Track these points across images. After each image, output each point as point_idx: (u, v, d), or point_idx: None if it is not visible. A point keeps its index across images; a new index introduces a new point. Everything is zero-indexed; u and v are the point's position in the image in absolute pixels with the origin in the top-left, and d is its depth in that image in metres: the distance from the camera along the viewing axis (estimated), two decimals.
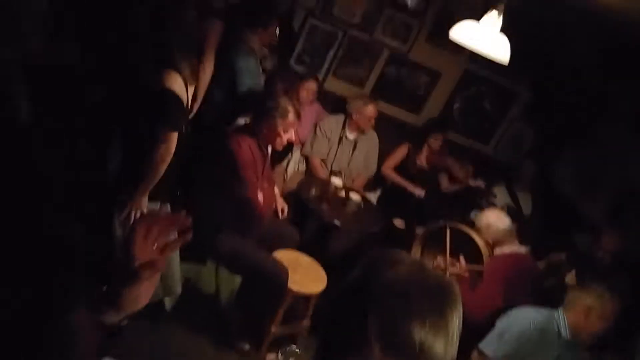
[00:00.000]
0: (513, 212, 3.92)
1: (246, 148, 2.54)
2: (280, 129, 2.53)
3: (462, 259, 2.80)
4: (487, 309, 2.54)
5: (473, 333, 2.50)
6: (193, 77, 2.11)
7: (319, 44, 3.98)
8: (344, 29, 3.93)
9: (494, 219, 2.77)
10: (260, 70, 3.04)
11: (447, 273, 2.83)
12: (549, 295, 3.07)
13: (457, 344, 0.74)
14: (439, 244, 2.98)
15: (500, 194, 3.97)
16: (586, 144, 4.23)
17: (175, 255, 2.41)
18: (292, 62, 4.01)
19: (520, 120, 4.34)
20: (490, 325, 2.37)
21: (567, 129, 4.24)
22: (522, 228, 3.72)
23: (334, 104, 4.01)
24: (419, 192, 3.82)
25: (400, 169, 3.98)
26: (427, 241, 3.10)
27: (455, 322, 0.73)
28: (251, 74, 2.84)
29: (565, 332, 2.15)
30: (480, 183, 3.80)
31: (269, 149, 2.76)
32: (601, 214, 3.77)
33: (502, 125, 4.36)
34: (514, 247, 2.71)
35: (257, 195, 2.63)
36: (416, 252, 3.11)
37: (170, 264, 2.38)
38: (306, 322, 2.78)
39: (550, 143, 4.42)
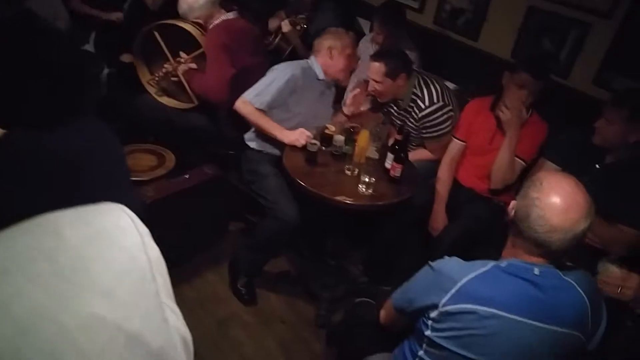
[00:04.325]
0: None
1: None
2: None
3: (182, 53, 2.69)
4: (223, 83, 2.55)
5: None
6: None
7: None
8: None
9: (188, 4, 2.63)
10: None
11: (179, 74, 2.72)
12: (278, 52, 3.24)
13: None
14: (159, 52, 2.78)
15: None
16: None
17: None
18: None
19: None
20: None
21: None
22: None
23: None
24: (116, 16, 3.42)
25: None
26: (147, 56, 2.87)
27: None
28: None
29: (320, 74, 2.54)
30: None
31: None
32: None
33: None
34: (222, 17, 2.66)
35: None
36: (143, 73, 2.88)
37: None
38: None
39: None
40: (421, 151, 2.77)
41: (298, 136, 2.42)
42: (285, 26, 3.01)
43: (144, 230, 0.67)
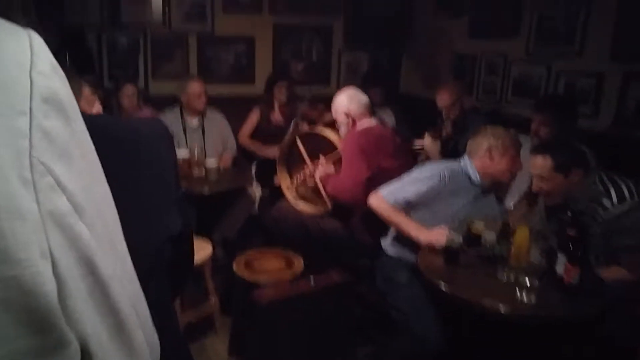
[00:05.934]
0: None
1: None
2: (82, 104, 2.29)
3: (322, 158, 2.69)
4: (358, 184, 2.42)
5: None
6: None
7: (125, 53, 3.84)
8: (141, 30, 3.84)
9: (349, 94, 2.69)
10: None
11: (317, 179, 2.69)
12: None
13: None
14: (300, 158, 2.86)
15: None
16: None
17: None
18: (105, 82, 3.81)
19: (347, 50, 4.51)
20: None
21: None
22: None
23: (167, 105, 3.84)
24: (273, 152, 3.71)
25: (260, 133, 3.87)
26: (289, 163, 2.96)
27: None
28: None
29: (475, 177, 2.22)
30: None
31: None
32: None
33: (332, 61, 4.48)
34: (365, 125, 2.63)
35: None
36: (284, 177, 2.95)
37: None
38: None
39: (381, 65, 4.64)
40: (613, 269, 2.06)
41: (438, 236, 2.04)
42: (427, 139, 2.88)
43: (49, 57, 0.41)
